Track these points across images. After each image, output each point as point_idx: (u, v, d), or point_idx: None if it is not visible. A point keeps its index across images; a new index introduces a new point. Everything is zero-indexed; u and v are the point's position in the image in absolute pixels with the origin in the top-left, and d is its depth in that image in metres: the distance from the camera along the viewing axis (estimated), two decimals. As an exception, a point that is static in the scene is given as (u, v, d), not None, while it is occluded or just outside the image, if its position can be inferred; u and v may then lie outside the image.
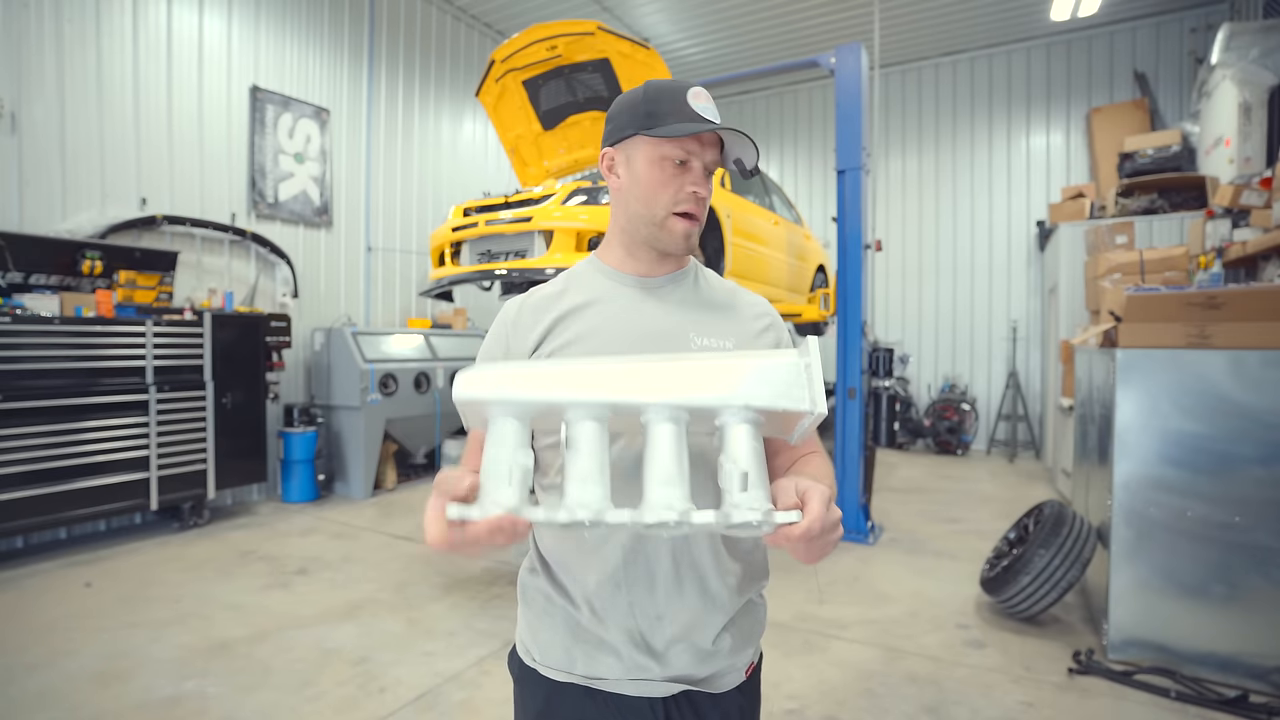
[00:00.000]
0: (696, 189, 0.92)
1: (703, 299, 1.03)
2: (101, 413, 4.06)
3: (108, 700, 2.42)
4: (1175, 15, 7.14)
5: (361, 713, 2.38)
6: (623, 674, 0.93)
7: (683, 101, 0.91)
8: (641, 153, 0.93)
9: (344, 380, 5.58)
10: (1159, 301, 2.69)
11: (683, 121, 0.89)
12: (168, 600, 3.35)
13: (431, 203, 7.21)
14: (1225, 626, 2.55)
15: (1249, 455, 2.51)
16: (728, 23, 7.65)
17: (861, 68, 4.53)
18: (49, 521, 3.89)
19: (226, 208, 5.35)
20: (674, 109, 0.90)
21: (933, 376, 8.49)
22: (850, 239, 4.60)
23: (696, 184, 0.92)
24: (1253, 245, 3.75)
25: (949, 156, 8.42)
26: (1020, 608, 3.05)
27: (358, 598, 3.41)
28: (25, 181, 4.23)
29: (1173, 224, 5.70)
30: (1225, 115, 5.20)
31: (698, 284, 1.05)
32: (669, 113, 0.90)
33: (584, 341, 0.94)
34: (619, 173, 0.97)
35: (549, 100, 4.09)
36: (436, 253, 4.07)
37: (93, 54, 4.57)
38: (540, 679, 0.97)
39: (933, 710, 2.41)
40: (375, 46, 6.61)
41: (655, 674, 0.93)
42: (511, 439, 0.70)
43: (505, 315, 1.00)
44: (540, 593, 1.00)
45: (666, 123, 0.89)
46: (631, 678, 0.93)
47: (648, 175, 0.93)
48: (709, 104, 0.92)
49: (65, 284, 4.23)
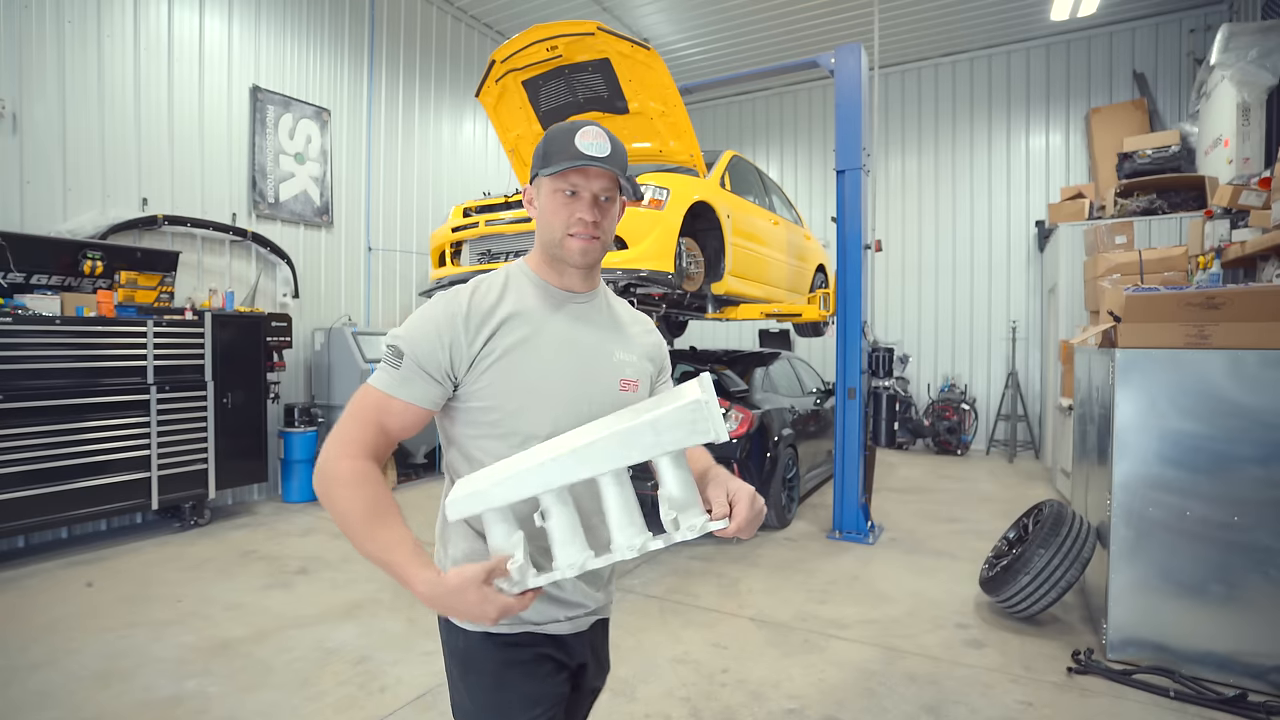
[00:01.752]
0: (583, 215, 1.06)
1: (614, 317, 1.21)
2: (102, 412, 4.06)
3: (109, 699, 2.43)
4: (1174, 16, 7.15)
5: (362, 712, 2.38)
6: (564, 615, 1.12)
7: (569, 143, 1.04)
8: (544, 188, 1.09)
9: (344, 380, 5.59)
10: (1158, 302, 2.69)
11: (567, 160, 1.03)
12: (169, 600, 3.35)
13: (431, 203, 7.22)
14: (1224, 626, 2.55)
15: (1248, 455, 2.52)
16: (728, 23, 7.65)
17: (861, 68, 4.54)
18: (50, 521, 3.89)
19: (227, 208, 5.36)
20: (562, 150, 1.04)
21: (932, 376, 8.50)
22: (850, 239, 4.60)
23: (583, 211, 1.06)
24: (1251, 245, 3.76)
25: (949, 156, 8.43)
26: (1019, 607, 3.05)
27: (358, 597, 3.41)
28: (26, 182, 4.23)
29: (1172, 224, 5.71)
30: (1224, 116, 5.21)
31: (609, 304, 1.22)
32: (557, 153, 1.04)
33: (525, 347, 1.06)
34: (534, 205, 1.12)
35: (549, 100, 4.09)
36: (437, 253, 4.07)
37: (94, 54, 4.57)
38: (491, 637, 1.08)
39: (932, 710, 2.42)
40: (376, 47, 6.61)
41: (589, 607, 1.15)
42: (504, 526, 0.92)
43: (453, 308, 1.04)
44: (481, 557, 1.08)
45: (555, 162, 1.04)
46: (570, 618, 1.13)
47: (546, 206, 1.09)
48: (596, 140, 1.05)
49: (66, 284, 4.23)
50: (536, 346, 1.07)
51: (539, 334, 1.08)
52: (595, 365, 1.13)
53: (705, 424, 0.86)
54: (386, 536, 0.93)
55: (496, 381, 1.04)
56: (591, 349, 1.13)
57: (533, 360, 1.06)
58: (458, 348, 1.03)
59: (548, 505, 0.90)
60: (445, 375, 1.03)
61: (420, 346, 1.02)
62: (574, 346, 1.11)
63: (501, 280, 1.12)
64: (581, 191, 1.06)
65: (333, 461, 0.98)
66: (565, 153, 1.04)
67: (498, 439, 1.05)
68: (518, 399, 1.05)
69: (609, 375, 1.14)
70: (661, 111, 3.90)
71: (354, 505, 0.95)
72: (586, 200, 1.07)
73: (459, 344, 1.03)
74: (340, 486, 0.96)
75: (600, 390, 1.11)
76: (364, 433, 1.00)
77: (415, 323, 1.05)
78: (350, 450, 0.99)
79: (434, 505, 1.01)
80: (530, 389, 1.05)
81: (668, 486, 0.90)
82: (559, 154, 1.05)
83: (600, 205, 1.08)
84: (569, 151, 1.04)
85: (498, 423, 1.06)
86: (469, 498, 0.92)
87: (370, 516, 0.94)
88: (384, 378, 1.02)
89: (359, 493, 0.96)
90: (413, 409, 1.03)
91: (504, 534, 0.92)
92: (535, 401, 1.05)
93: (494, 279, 1.12)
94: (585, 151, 1.03)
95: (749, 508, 0.94)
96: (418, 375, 1.02)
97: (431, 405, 1.04)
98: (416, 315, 1.07)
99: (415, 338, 1.03)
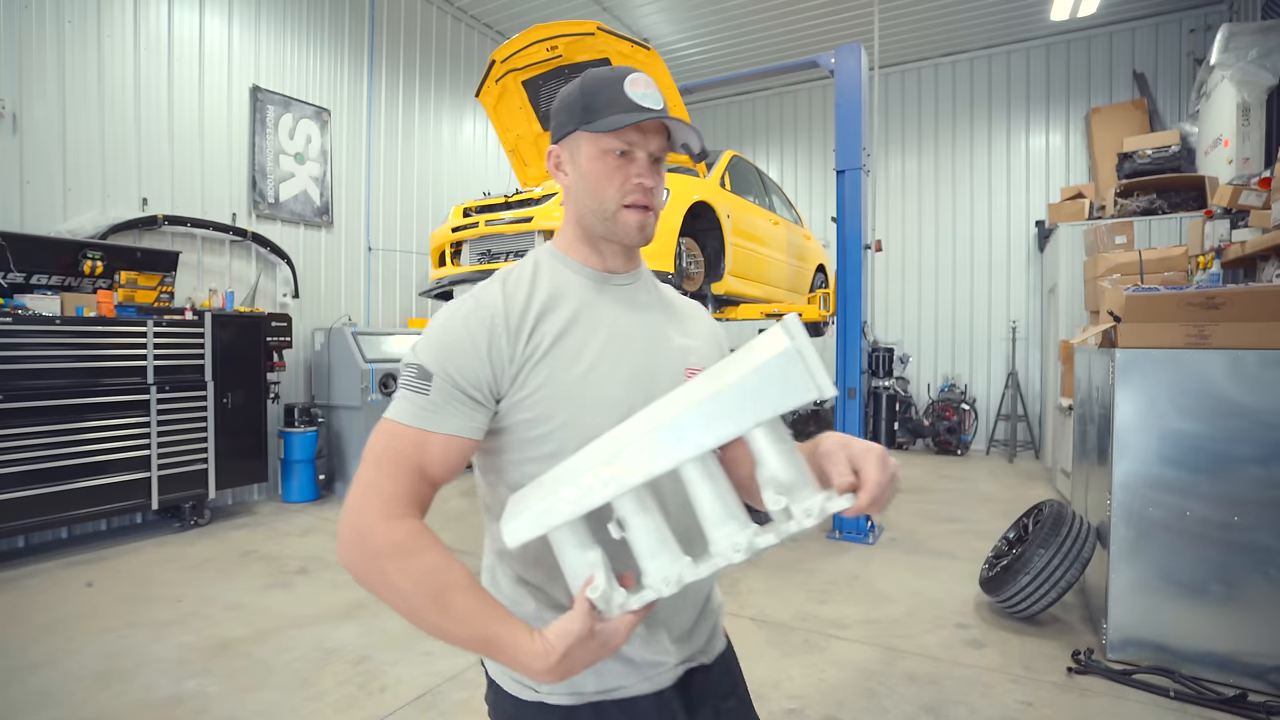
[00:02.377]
0: (641, 179, 0.89)
1: (664, 298, 1.04)
2: (102, 412, 4.06)
3: (109, 699, 2.43)
4: (1174, 16, 7.15)
5: (362, 712, 2.38)
6: (637, 678, 0.90)
7: (619, 91, 0.87)
8: (584, 148, 0.90)
9: (344, 380, 5.59)
10: (1158, 302, 2.69)
11: (620, 112, 0.86)
12: (169, 600, 3.35)
13: (431, 203, 7.22)
14: (1224, 626, 2.55)
15: (1248, 455, 2.52)
16: (728, 23, 7.65)
17: (861, 68, 4.54)
18: (50, 521, 3.89)
19: (227, 208, 5.36)
20: (611, 100, 0.86)
21: (932, 376, 8.50)
22: (850, 239, 4.60)
23: (641, 174, 0.89)
24: (1251, 245, 3.75)
25: (949, 156, 8.43)
26: (1019, 607, 3.05)
27: (358, 597, 3.41)
28: (26, 181, 4.23)
29: (1172, 224, 5.71)
30: (1224, 116, 5.21)
31: (655, 284, 1.04)
32: (606, 104, 0.87)
33: (570, 344, 0.88)
34: (566, 170, 0.94)
35: (549, 101, 4.09)
36: (437, 253, 4.07)
37: (94, 54, 4.57)
38: (547, 710, 0.88)
39: (932, 710, 2.42)
40: (376, 47, 6.61)
41: (670, 663, 0.92)
42: (577, 546, 0.75)
43: (486, 307, 0.86)
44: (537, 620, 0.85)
45: (604, 115, 0.86)
46: (645, 677, 0.90)
47: (591, 170, 0.90)
48: (648, 89, 0.88)
49: (66, 284, 4.24)
50: (583, 341, 0.88)
51: (583, 326, 0.90)
52: (654, 355, 0.94)
53: (803, 379, 0.67)
54: (468, 610, 0.74)
55: (541, 389, 0.85)
56: (646, 337, 0.95)
57: (580, 358, 0.87)
58: (499, 356, 0.84)
59: (625, 512, 0.73)
60: (488, 394, 0.84)
61: (453, 362, 0.82)
62: (626, 336, 0.92)
63: (530, 268, 0.94)
64: (637, 151, 0.89)
65: (370, 528, 0.77)
66: (616, 103, 0.86)
67: (546, 459, 0.85)
68: (567, 407, 0.85)
69: (671, 365, 0.95)
70: (661, 111, 3.90)
71: (415, 579, 0.75)
72: (643, 162, 0.89)
73: (499, 351, 0.84)
74: (389, 558, 0.75)
75: (664, 383, 0.90)
76: (399, 482, 0.79)
77: (441, 332, 0.85)
78: (389, 508, 0.78)
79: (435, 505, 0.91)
80: (580, 393, 0.86)
81: (769, 465, 0.71)
82: (608, 104, 0.86)
83: (655, 168, 0.91)
84: (620, 101, 0.86)
85: (544, 438, 0.86)
86: (528, 517, 0.75)
87: (440, 590, 0.74)
88: (410, 408, 0.81)
89: (417, 562, 0.75)
90: (454, 443, 0.82)
91: (579, 555, 0.74)
92: (588, 407, 0.86)
93: (521, 267, 0.95)
94: (641, 103, 0.86)
95: (880, 470, 0.71)
96: (455, 399, 0.82)
97: (476, 435, 0.84)
98: (440, 324, 0.86)
99: (446, 352, 0.83)
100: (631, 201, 0.89)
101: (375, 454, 0.81)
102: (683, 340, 0.99)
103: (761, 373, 0.68)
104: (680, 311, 1.05)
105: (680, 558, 0.73)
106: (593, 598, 0.72)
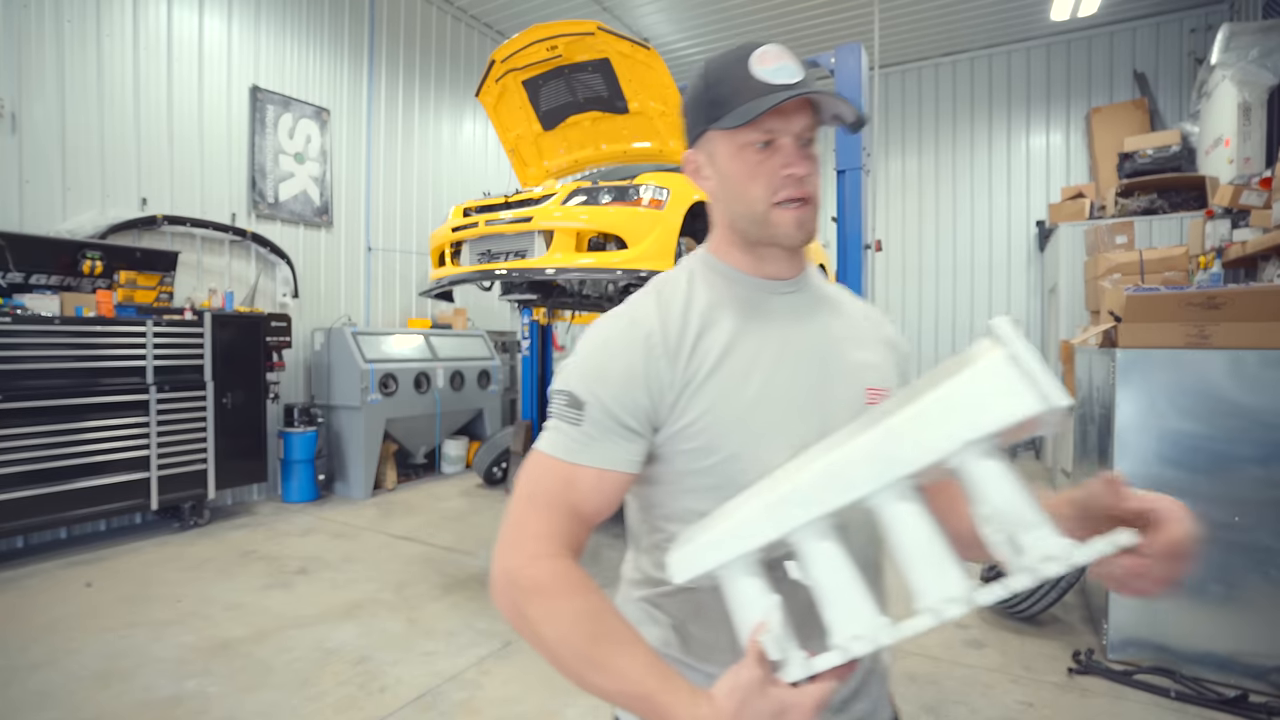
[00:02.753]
0: (791, 170, 0.77)
1: (833, 303, 0.91)
2: (102, 413, 4.06)
3: (109, 700, 2.43)
4: (1175, 15, 7.14)
5: (362, 712, 2.38)
6: None
7: (745, 73, 0.75)
8: (720, 147, 0.80)
9: (344, 380, 5.58)
10: (1159, 301, 2.69)
11: (752, 98, 0.74)
12: (168, 600, 3.35)
13: (431, 203, 7.22)
14: (1224, 626, 2.55)
15: (1248, 455, 2.51)
16: (728, 23, 7.65)
17: (861, 68, 4.53)
18: (49, 521, 3.89)
19: (227, 208, 5.35)
20: (738, 86, 0.75)
21: (933, 376, 8.49)
22: (850, 239, 4.60)
23: (790, 164, 0.77)
24: (1252, 245, 3.75)
25: (949, 156, 8.43)
26: (1020, 608, 3.05)
27: (358, 597, 3.41)
28: (26, 181, 4.23)
29: (1172, 224, 5.70)
30: (1225, 115, 5.21)
31: (825, 287, 0.92)
32: (733, 92, 0.76)
33: (733, 364, 0.78)
34: (706, 174, 0.84)
35: (549, 100, 4.09)
36: (436, 253, 4.07)
37: (93, 54, 4.57)
38: None
39: (932, 710, 2.42)
40: (375, 46, 6.61)
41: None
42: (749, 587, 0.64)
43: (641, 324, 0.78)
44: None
45: (733, 105, 0.75)
46: None
47: (732, 170, 0.79)
48: (781, 63, 0.76)
49: (66, 284, 4.23)
50: (750, 361, 0.78)
51: (749, 343, 0.80)
52: (830, 375, 0.82)
53: (1021, 388, 0.55)
54: (626, 663, 0.65)
55: (705, 416, 0.76)
56: (820, 354, 0.83)
57: (748, 381, 0.77)
58: (657, 382, 0.75)
59: (806, 549, 0.62)
60: (646, 423, 0.76)
61: (608, 389, 0.75)
62: (797, 353, 0.81)
63: (685, 278, 0.85)
64: (780, 138, 0.77)
65: (521, 567, 0.71)
66: (748, 89, 0.75)
67: (707, 493, 0.76)
68: (735, 437, 0.76)
69: (850, 385, 0.83)
70: (662, 111, 3.90)
71: (562, 626, 0.67)
72: (790, 149, 0.77)
73: (657, 376, 0.75)
74: (541, 599, 0.69)
75: (842, 408, 0.80)
76: (549, 520, 0.73)
77: (592, 355, 0.78)
78: (541, 547, 0.72)
79: (434, 505, 0.84)
80: (750, 421, 0.76)
81: (991, 499, 0.57)
82: (736, 92, 0.75)
83: (805, 152, 0.79)
84: (750, 86, 0.75)
85: (707, 471, 0.76)
86: (693, 549, 0.67)
87: (590, 639, 0.67)
88: (561, 440, 0.76)
89: (564, 607, 0.68)
90: (609, 478, 0.75)
91: (751, 598, 0.64)
92: (758, 437, 0.76)
93: (675, 278, 0.86)
94: (774, 81, 0.74)
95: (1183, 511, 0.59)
96: (610, 430, 0.75)
97: (632, 468, 0.76)
98: (591, 345, 0.79)
99: (598, 377, 0.76)
100: (784, 197, 0.78)
101: (524, 490, 0.76)
102: (860, 354, 0.86)
103: (971, 382, 0.57)
104: (855, 320, 0.91)
105: (877, 614, 0.60)
106: (766, 642, 0.60)
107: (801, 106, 0.77)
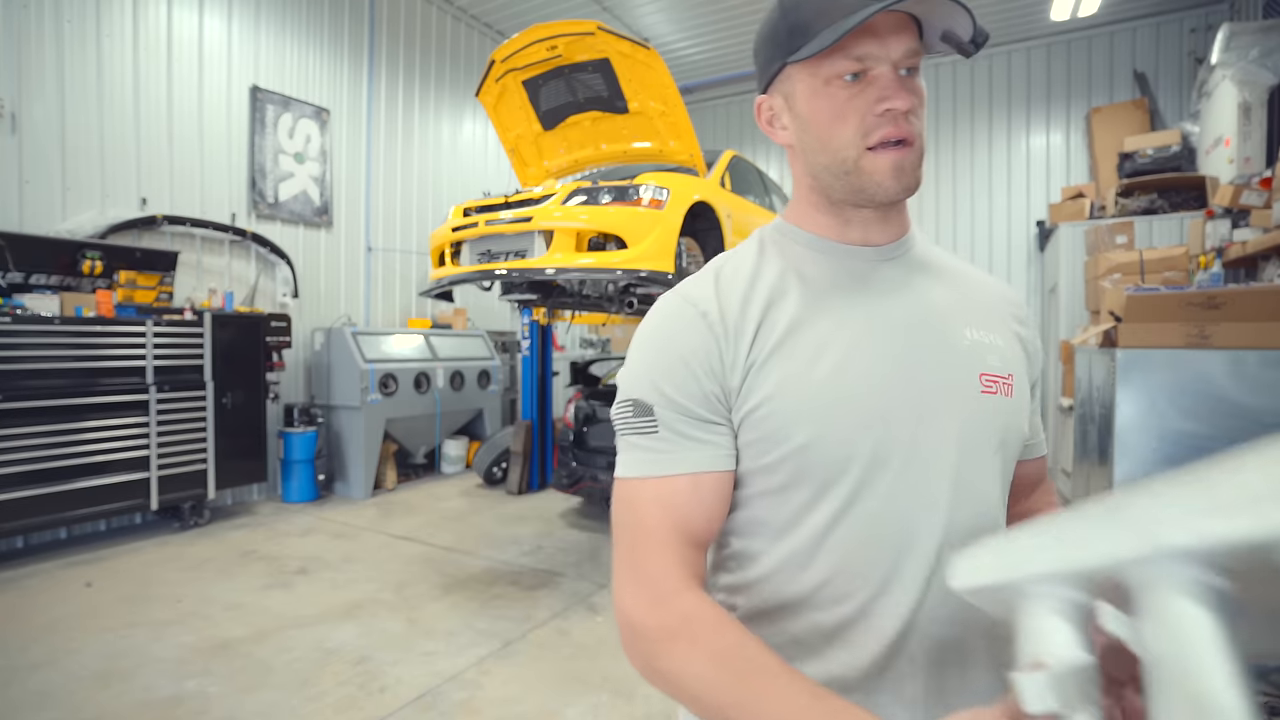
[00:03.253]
0: (890, 104, 0.63)
1: (946, 273, 0.76)
2: (102, 413, 4.06)
3: (109, 699, 2.42)
4: (1175, 15, 7.14)
5: (362, 712, 2.38)
6: None
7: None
8: (799, 86, 0.66)
9: (344, 380, 5.58)
10: (1159, 301, 2.69)
11: (838, 19, 0.60)
12: (168, 600, 3.35)
13: (431, 203, 7.22)
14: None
15: (1248, 455, 2.51)
16: (728, 23, 7.65)
17: (861, 68, 4.53)
18: (49, 521, 3.89)
19: (227, 208, 5.35)
20: (824, 7, 0.62)
21: (933, 376, 8.50)
22: (850, 239, 4.59)
23: (887, 95, 0.63)
24: (1253, 245, 3.75)
25: (949, 156, 8.43)
26: None
27: (358, 597, 3.41)
28: (25, 181, 4.23)
29: (1173, 224, 5.70)
30: (1225, 115, 5.21)
31: (933, 254, 0.78)
32: (817, 14, 0.62)
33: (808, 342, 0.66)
34: (784, 123, 0.70)
35: (549, 100, 4.09)
36: (436, 253, 4.07)
37: (93, 54, 4.57)
38: None
39: (933, 710, 2.41)
40: (375, 46, 6.61)
41: None
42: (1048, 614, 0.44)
43: (693, 305, 0.68)
44: None
45: (817, 31, 0.61)
46: None
47: (815, 113, 0.66)
48: None
49: (65, 284, 4.23)
50: (828, 335, 0.67)
51: (828, 318, 0.67)
52: (936, 354, 0.68)
53: None
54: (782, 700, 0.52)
55: (770, 401, 0.65)
56: (924, 330, 0.69)
57: (821, 358, 0.66)
58: (720, 364, 0.66)
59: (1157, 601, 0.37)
60: (722, 408, 0.66)
61: (671, 380, 0.66)
62: (893, 329, 0.68)
63: (754, 249, 0.74)
64: (875, 67, 0.63)
65: (643, 616, 0.61)
66: (836, 6, 0.61)
67: (775, 495, 0.67)
68: (802, 426, 0.64)
69: (963, 369, 0.69)
70: (661, 111, 3.90)
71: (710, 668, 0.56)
72: (887, 79, 0.63)
73: (714, 358, 0.66)
74: (672, 646, 0.58)
75: (952, 395, 0.67)
76: (662, 554, 0.63)
77: (647, 349, 0.69)
78: (655, 590, 0.61)
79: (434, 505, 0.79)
80: (825, 404, 0.64)
81: None
82: (820, 14, 0.62)
83: (907, 83, 0.64)
84: (839, 5, 0.61)
85: (775, 467, 0.66)
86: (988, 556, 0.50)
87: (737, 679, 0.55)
88: (639, 457, 0.66)
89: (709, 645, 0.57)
90: (705, 481, 0.65)
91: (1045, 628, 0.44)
92: (831, 427, 0.64)
93: (744, 250, 0.74)
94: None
95: None
96: (689, 426, 0.66)
97: (726, 464, 0.66)
98: (643, 343, 0.70)
99: (656, 371, 0.67)
100: (880, 139, 0.64)
101: (622, 528, 0.66)
102: (977, 334, 0.71)
103: None
104: (976, 294, 0.76)
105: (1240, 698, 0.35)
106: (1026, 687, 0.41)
107: (901, 27, 0.63)
